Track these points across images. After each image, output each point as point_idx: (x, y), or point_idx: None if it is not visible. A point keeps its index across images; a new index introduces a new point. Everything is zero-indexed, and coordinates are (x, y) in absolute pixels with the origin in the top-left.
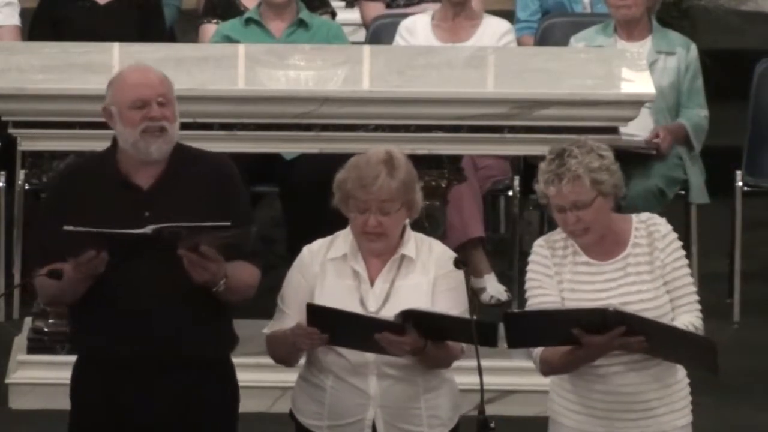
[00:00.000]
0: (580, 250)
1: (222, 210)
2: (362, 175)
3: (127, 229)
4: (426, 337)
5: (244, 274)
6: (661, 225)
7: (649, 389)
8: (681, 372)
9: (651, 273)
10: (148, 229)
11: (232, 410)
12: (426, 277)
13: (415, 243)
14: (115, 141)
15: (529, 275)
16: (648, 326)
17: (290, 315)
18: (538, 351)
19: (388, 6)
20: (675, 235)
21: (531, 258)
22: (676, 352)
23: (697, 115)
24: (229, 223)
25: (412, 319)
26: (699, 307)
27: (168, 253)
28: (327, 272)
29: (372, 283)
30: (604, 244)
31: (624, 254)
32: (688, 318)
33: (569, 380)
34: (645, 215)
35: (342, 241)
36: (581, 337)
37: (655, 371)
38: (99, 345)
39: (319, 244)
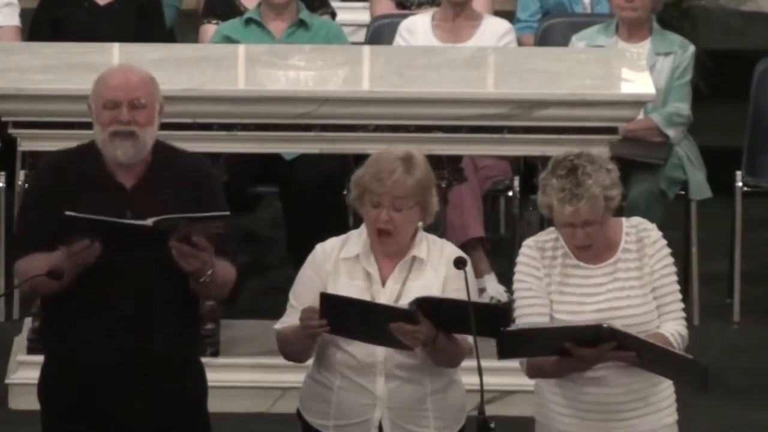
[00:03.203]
0: (570, 253)
1: (202, 210)
2: (379, 169)
3: (125, 220)
4: (437, 328)
5: (225, 270)
6: (651, 231)
7: (637, 389)
8: None
9: (640, 279)
10: (149, 221)
11: (204, 409)
12: (437, 278)
13: (427, 244)
14: None
15: (517, 276)
16: (640, 345)
17: (300, 311)
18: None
19: (401, 6)
20: (664, 242)
21: (519, 259)
22: (665, 370)
23: (673, 106)
24: (228, 213)
25: (424, 309)
26: (684, 315)
27: (142, 257)
28: (339, 272)
29: (383, 283)
30: (594, 248)
31: (614, 259)
32: (674, 326)
33: (557, 383)
34: (635, 220)
35: (355, 241)
36: (573, 351)
37: (640, 371)
38: (69, 346)
39: (332, 243)
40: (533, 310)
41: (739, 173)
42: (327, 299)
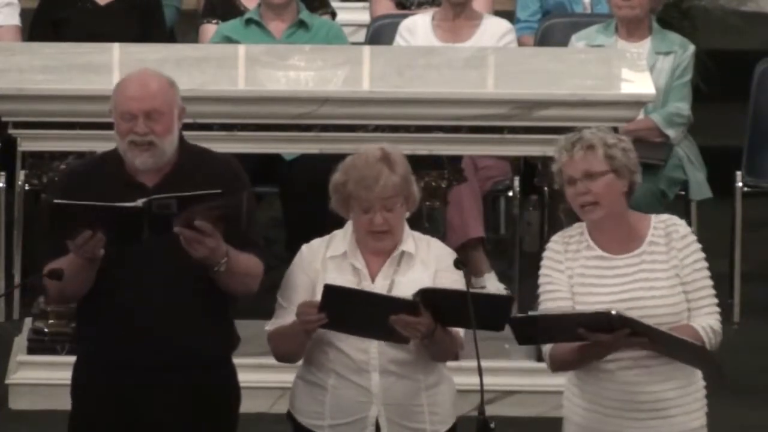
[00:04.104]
0: (593, 245)
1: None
2: (364, 175)
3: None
4: (436, 320)
5: (247, 261)
6: (680, 226)
7: (661, 389)
8: (698, 373)
9: (666, 272)
10: (139, 202)
11: (233, 411)
12: (426, 273)
13: (414, 240)
14: None
15: (542, 270)
16: (649, 331)
17: (291, 311)
18: (547, 348)
19: (401, 6)
20: (694, 237)
21: (545, 254)
22: (685, 357)
23: (673, 106)
24: (219, 191)
25: (425, 300)
26: (718, 309)
27: (172, 253)
28: (327, 269)
29: (372, 279)
30: (619, 238)
31: (639, 251)
32: (707, 321)
33: (579, 377)
34: (665, 216)
35: (340, 239)
36: (588, 336)
37: (668, 370)
38: (102, 345)
39: (317, 242)
40: (555, 303)
41: (739, 173)
42: (330, 290)
